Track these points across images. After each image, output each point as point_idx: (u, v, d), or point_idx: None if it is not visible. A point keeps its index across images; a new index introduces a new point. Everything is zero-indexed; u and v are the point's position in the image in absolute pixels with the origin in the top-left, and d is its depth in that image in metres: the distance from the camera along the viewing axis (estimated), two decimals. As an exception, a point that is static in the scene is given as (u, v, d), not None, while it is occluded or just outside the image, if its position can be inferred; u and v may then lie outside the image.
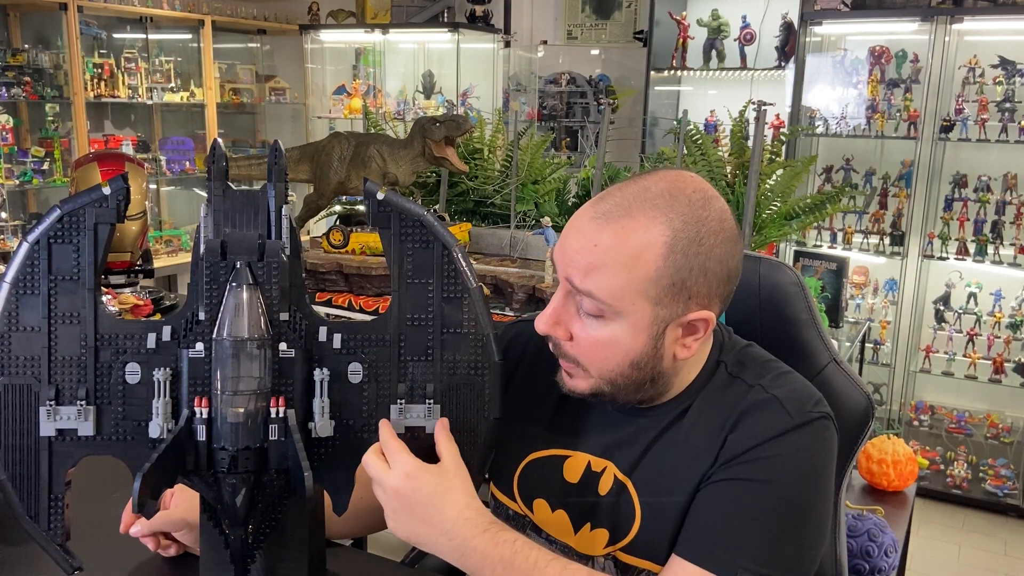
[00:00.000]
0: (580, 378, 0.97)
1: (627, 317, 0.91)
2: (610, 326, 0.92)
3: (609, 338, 0.93)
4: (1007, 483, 3.34)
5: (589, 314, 0.93)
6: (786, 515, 0.90)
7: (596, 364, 0.95)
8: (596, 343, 0.93)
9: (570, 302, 0.94)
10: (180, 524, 1.04)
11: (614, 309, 0.91)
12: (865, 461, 1.80)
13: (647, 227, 0.89)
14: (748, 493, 0.91)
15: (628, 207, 0.91)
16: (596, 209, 0.92)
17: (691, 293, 0.91)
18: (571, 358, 0.96)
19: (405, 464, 0.88)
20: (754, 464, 0.91)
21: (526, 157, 2.82)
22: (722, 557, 0.88)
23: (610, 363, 0.94)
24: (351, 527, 1.17)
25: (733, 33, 4.02)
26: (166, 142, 4.78)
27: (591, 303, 0.91)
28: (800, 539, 0.91)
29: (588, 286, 0.90)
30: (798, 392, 0.97)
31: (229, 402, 0.85)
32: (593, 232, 0.91)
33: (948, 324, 3.59)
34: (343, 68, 5.09)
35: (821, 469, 0.94)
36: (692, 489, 0.95)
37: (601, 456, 1.02)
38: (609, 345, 0.93)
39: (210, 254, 0.87)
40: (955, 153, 3.50)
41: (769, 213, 2.55)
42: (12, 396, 0.88)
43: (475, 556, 0.87)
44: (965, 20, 3.32)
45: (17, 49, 4.05)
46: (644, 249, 0.89)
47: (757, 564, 0.87)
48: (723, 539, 0.89)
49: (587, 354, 0.95)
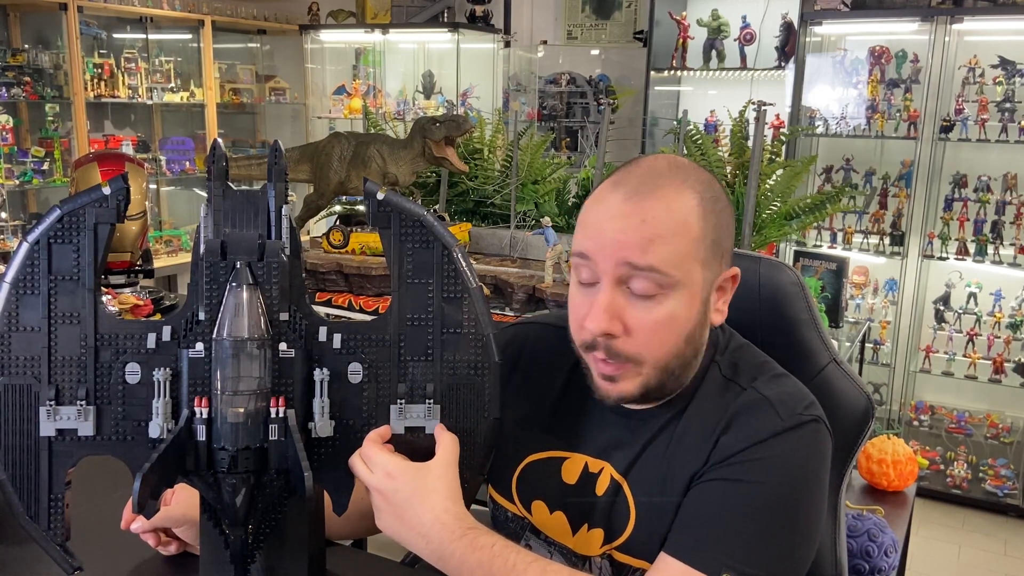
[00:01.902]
0: (629, 379, 0.94)
1: (684, 287, 0.92)
2: (665, 303, 0.91)
3: (667, 316, 0.92)
4: (1007, 483, 3.34)
5: (644, 296, 0.91)
6: (774, 516, 0.90)
7: (654, 349, 0.93)
8: (655, 325, 0.92)
9: (618, 293, 0.92)
10: (181, 520, 1.04)
11: (673, 280, 0.91)
12: (865, 461, 1.80)
13: (679, 193, 0.92)
14: (736, 494, 0.91)
15: (654, 182, 0.92)
16: (621, 193, 0.92)
17: (723, 250, 0.95)
18: (624, 355, 0.93)
19: (386, 463, 0.89)
20: (744, 465, 0.91)
21: (526, 157, 2.83)
22: (708, 556, 0.88)
23: (668, 343, 0.93)
24: (351, 527, 1.17)
25: (733, 33, 4.02)
26: (166, 142, 4.78)
27: (648, 282, 0.90)
28: (788, 541, 0.91)
29: (650, 260, 0.90)
30: (790, 395, 0.97)
31: (229, 402, 0.85)
32: (634, 211, 0.91)
33: (948, 324, 3.59)
34: (343, 68, 5.09)
35: (812, 472, 0.94)
36: (684, 489, 0.95)
37: (598, 457, 1.02)
38: (667, 324, 0.92)
39: (210, 254, 0.87)
40: (955, 153, 3.50)
41: (769, 213, 2.55)
42: (12, 396, 0.88)
43: (453, 561, 0.87)
44: (965, 20, 3.32)
45: (17, 49, 4.05)
46: (687, 213, 0.91)
47: (743, 564, 0.87)
48: (710, 538, 0.89)
49: (645, 341, 0.92)
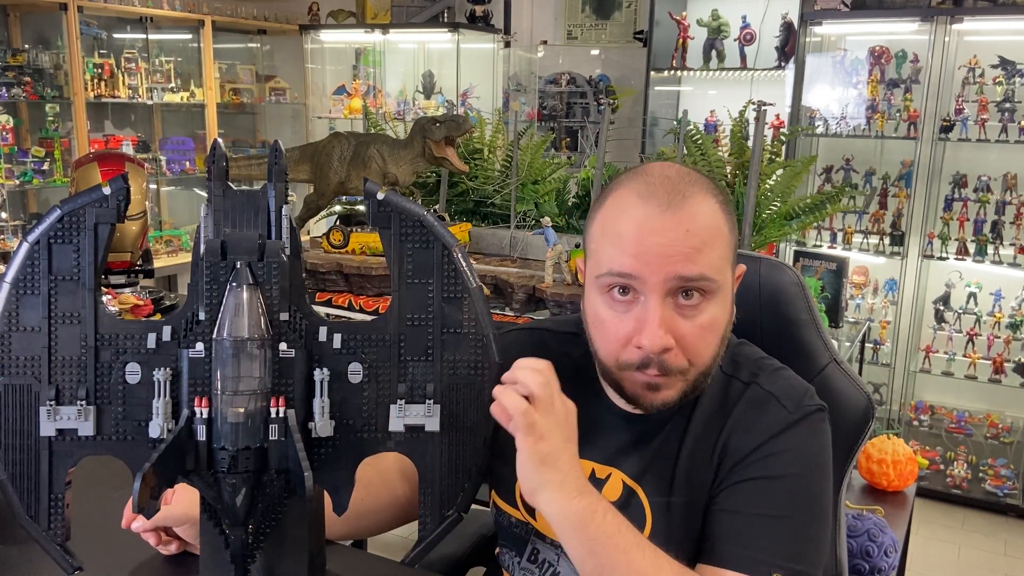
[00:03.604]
0: (673, 387, 0.94)
1: (721, 290, 0.94)
2: (708, 309, 0.93)
3: (710, 320, 0.93)
4: (1007, 483, 3.34)
5: (690, 305, 0.92)
6: (802, 507, 0.92)
7: (702, 355, 0.94)
8: (702, 331, 0.93)
9: (666, 305, 0.92)
10: (182, 519, 1.04)
11: (716, 284, 0.93)
12: (865, 461, 1.80)
13: (704, 200, 0.93)
14: (764, 491, 0.92)
15: (681, 191, 0.93)
16: (654, 206, 0.92)
17: (736, 250, 0.98)
18: (676, 367, 0.93)
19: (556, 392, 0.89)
20: (764, 462, 0.93)
21: (526, 157, 2.82)
22: (756, 558, 0.89)
23: (713, 347, 0.95)
24: (351, 528, 1.17)
25: (733, 33, 4.02)
26: (166, 142, 4.78)
27: (697, 291, 0.92)
28: (817, 528, 0.94)
29: (700, 270, 0.91)
30: (793, 387, 0.99)
31: (229, 402, 0.85)
32: (674, 222, 0.91)
33: (948, 324, 3.59)
34: (343, 68, 5.09)
35: (823, 459, 0.97)
36: (700, 490, 0.96)
37: (605, 463, 1.02)
38: (711, 328, 0.94)
39: (210, 254, 0.87)
40: (955, 153, 3.50)
41: (769, 213, 2.55)
42: (12, 396, 0.88)
43: (596, 520, 0.86)
44: (965, 20, 3.32)
45: (17, 49, 4.05)
46: (717, 219, 0.94)
47: (788, 560, 0.89)
48: (752, 541, 0.90)
49: (694, 348, 0.93)
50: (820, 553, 0.94)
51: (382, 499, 1.17)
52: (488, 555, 1.32)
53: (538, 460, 0.85)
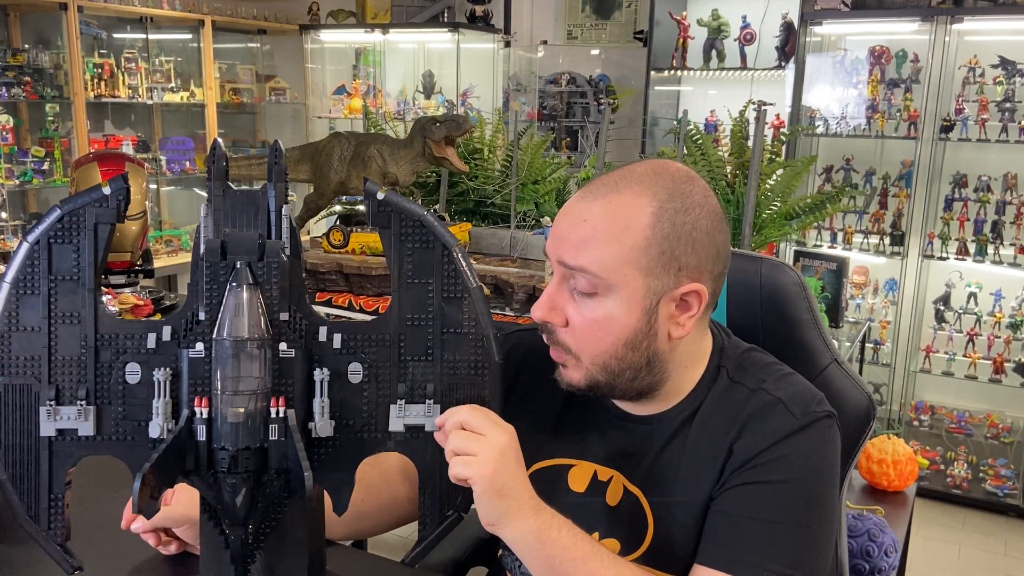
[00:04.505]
0: (573, 368, 0.97)
1: (620, 291, 0.92)
2: (604, 304, 0.93)
3: (604, 316, 0.93)
4: (1007, 483, 3.34)
5: (583, 293, 0.93)
6: (802, 514, 0.92)
7: (590, 347, 0.95)
8: (591, 323, 0.94)
9: (564, 287, 0.95)
10: (182, 520, 1.04)
11: (607, 283, 0.92)
12: (865, 461, 1.80)
13: (634, 199, 0.92)
14: (763, 495, 0.92)
15: (615, 184, 0.94)
16: (584, 191, 0.95)
17: (680, 264, 0.93)
18: (565, 346, 0.96)
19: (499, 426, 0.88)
20: (766, 466, 0.92)
21: (526, 157, 2.82)
22: (747, 561, 0.89)
23: (605, 343, 0.94)
24: (352, 528, 1.17)
25: (733, 33, 4.02)
26: (166, 142, 4.78)
27: (584, 280, 0.92)
28: (816, 536, 0.93)
29: (580, 261, 0.92)
30: (801, 393, 0.98)
31: (229, 402, 0.85)
32: (582, 209, 0.94)
33: (948, 324, 3.59)
34: (343, 68, 5.09)
35: (829, 467, 0.96)
36: (703, 496, 0.95)
37: (606, 465, 1.02)
38: (604, 324, 0.93)
39: (210, 254, 0.87)
40: (955, 153, 3.50)
41: (769, 213, 2.55)
42: (12, 396, 0.88)
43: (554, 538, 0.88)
44: (965, 20, 3.32)
45: (17, 49, 4.05)
46: (632, 219, 0.91)
47: (780, 564, 0.88)
48: (745, 543, 0.90)
49: (582, 337, 0.95)
50: (819, 561, 0.92)
51: (383, 499, 1.16)
52: (488, 556, 1.32)
53: (495, 493, 0.86)
